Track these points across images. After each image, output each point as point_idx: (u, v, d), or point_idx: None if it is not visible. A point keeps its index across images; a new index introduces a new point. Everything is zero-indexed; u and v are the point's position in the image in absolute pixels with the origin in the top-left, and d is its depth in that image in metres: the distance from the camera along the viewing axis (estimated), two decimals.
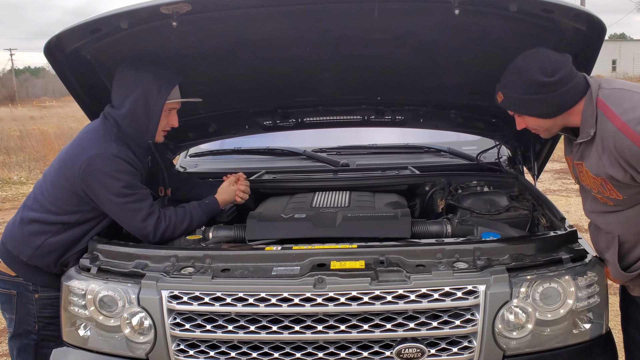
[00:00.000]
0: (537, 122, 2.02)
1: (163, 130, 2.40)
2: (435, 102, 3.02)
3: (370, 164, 3.28)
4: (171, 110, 2.38)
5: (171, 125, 2.41)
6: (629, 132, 1.79)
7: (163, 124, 2.36)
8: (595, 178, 1.96)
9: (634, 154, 1.80)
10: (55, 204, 2.27)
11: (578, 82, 1.93)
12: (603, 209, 2.06)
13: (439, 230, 2.44)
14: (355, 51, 2.48)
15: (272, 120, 3.13)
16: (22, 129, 18.54)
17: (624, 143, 1.80)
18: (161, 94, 2.28)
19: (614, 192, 1.94)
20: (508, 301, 1.88)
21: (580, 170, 2.05)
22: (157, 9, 2.00)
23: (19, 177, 11.60)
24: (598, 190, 2.00)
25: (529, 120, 2.04)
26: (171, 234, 2.34)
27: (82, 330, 2.07)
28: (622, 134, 1.80)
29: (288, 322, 1.88)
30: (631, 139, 1.79)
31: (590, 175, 1.98)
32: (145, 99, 2.26)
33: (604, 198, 2.02)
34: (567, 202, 7.64)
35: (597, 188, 1.99)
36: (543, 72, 1.89)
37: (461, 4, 1.98)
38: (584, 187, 2.10)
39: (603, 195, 2.00)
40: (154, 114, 2.28)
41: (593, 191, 2.04)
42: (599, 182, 1.96)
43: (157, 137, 2.39)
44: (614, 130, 1.83)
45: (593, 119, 1.89)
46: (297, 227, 2.39)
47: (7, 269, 2.33)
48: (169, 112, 2.37)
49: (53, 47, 2.21)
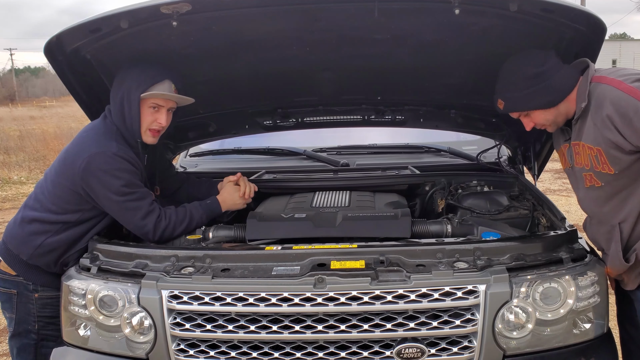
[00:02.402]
0: (543, 115, 2.08)
1: (150, 129, 2.31)
2: (435, 102, 3.02)
3: (370, 163, 3.28)
4: (158, 107, 2.30)
5: (159, 123, 2.31)
6: (626, 87, 1.85)
7: (147, 121, 2.28)
8: (592, 149, 1.99)
9: (630, 106, 1.83)
10: (56, 203, 2.27)
11: (568, 69, 2.04)
12: (596, 197, 2.08)
13: (439, 230, 2.44)
14: (356, 51, 2.48)
15: (272, 120, 3.13)
16: (22, 129, 18.55)
17: (629, 103, 1.83)
18: (138, 89, 2.23)
19: (607, 166, 1.97)
20: (508, 301, 1.88)
21: (576, 151, 2.09)
22: (157, 8, 2.00)
23: (19, 177, 11.60)
24: (591, 166, 2.02)
25: (535, 116, 2.09)
26: (171, 233, 2.34)
27: (82, 330, 2.07)
28: (618, 90, 1.86)
29: (288, 322, 1.88)
30: (628, 92, 1.84)
31: (587, 148, 2.01)
32: (128, 95, 2.24)
33: (593, 178, 2.05)
34: (567, 202, 7.64)
35: (591, 162, 2.02)
36: (535, 64, 2.00)
37: (461, 3, 1.98)
38: (577, 172, 2.13)
39: (594, 172, 2.03)
40: (133, 109, 2.24)
41: (585, 169, 2.06)
42: (595, 153, 1.99)
43: (143, 136, 2.31)
44: (609, 90, 1.89)
45: (585, 94, 1.97)
46: (297, 227, 2.39)
47: (8, 268, 2.34)
48: (154, 110, 2.29)
49: (53, 46, 2.21)
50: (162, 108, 2.32)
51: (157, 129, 2.34)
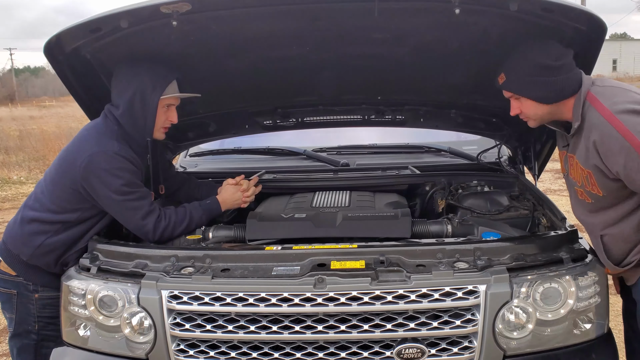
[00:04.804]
0: (533, 108, 2.07)
1: (163, 127, 2.39)
2: (435, 102, 3.02)
3: (370, 163, 3.28)
4: (169, 106, 2.36)
5: (170, 121, 2.39)
6: (616, 123, 1.83)
7: (161, 120, 2.35)
8: (583, 170, 2.00)
9: (619, 144, 1.82)
10: (56, 202, 2.27)
11: (577, 75, 2.02)
12: (585, 209, 2.11)
13: (439, 230, 2.44)
14: (356, 51, 2.48)
15: (272, 120, 3.13)
16: (22, 129, 18.54)
17: (611, 134, 1.83)
18: (156, 91, 2.26)
19: (596, 188, 1.98)
20: (508, 301, 1.88)
21: (571, 164, 2.10)
22: (157, 8, 2.00)
23: (19, 177, 11.60)
24: (582, 184, 2.05)
25: (525, 105, 2.08)
26: (171, 233, 2.34)
27: (82, 330, 2.07)
28: (610, 125, 1.84)
29: (288, 322, 1.87)
30: (617, 129, 1.82)
31: (579, 167, 2.02)
32: (141, 96, 2.25)
33: (584, 194, 2.07)
34: (567, 202, 7.53)
35: (582, 181, 2.04)
36: (549, 56, 1.98)
37: (461, 3, 1.98)
38: (570, 181, 2.15)
39: (584, 190, 2.05)
40: (149, 110, 2.27)
41: (577, 184, 2.09)
42: (585, 174, 2.00)
43: (156, 134, 2.38)
44: (601, 122, 1.87)
45: (579, 113, 1.96)
46: (297, 227, 2.39)
47: (8, 268, 2.33)
48: (167, 108, 2.35)
49: (53, 46, 2.21)
50: (173, 106, 2.39)
51: (169, 126, 2.42)
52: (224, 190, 2.63)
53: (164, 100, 2.31)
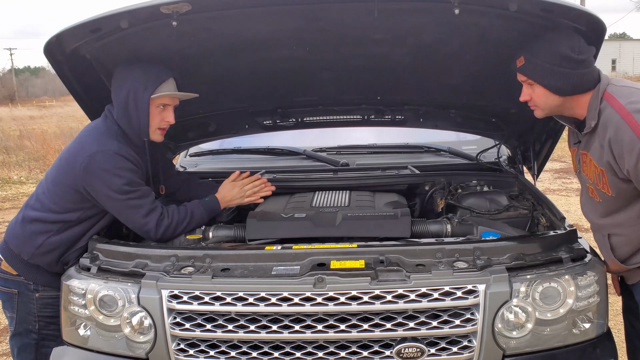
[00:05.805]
0: (545, 97, 2.05)
1: (159, 127, 2.35)
2: (435, 102, 3.02)
3: (370, 163, 3.28)
4: (165, 106, 2.33)
5: (167, 121, 2.36)
6: (632, 122, 1.83)
7: (156, 120, 2.32)
8: (597, 167, 2.00)
9: (633, 143, 1.82)
10: (57, 202, 2.27)
11: (594, 73, 2.01)
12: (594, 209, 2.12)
13: (438, 230, 2.45)
14: (355, 51, 2.48)
15: (272, 120, 3.13)
16: (22, 129, 18.54)
17: (625, 132, 1.84)
18: (147, 90, 2.25)
19: (606, 187, 1.98)
20: (508, 301, 1.88)
21: (584, 161, 2.09)
22: (157, 8, 2.00)
23: (19, 177, 11.60)
24: (594, 181, 2.05)
25: (537, 93, 2.06)
26: (173, 232, 2.34)
27: (82, 329, 2.07)
28: (626, 124, 1.85)
29: (288, 322, 1.88)
30: (632, 127, 1.83)
31: (593, 165, 2.02)
32: (134, 95, 2.25)
33: (594, 192, 2.07)
34: (567, 201, 7.64)
35: (594, 179, 2.04)
36: (572, 48, 1.97)
37: (461, 3, 1.98)
38: (583, 177, 2.15)
39: (595, 188, 2.05)
40: (142, 110, 2.26)
41: (589, 181, 2.08)
42: (599, 172, 2.00)
43: (153, 136, 2.35)
44: (617, 120, 1.87)
45: (596, 112, 1.95)
46: (297, 227, 2.39)
47: (9, 267, 2.34)
48: (162, 109, 2.32)
49: (53, 46, 2.21)
50: (169, 106, 2.36)
51: (166, 127, 2.39)
52: (222, 187, 2.64)
53: (156, 100, 2.28)
